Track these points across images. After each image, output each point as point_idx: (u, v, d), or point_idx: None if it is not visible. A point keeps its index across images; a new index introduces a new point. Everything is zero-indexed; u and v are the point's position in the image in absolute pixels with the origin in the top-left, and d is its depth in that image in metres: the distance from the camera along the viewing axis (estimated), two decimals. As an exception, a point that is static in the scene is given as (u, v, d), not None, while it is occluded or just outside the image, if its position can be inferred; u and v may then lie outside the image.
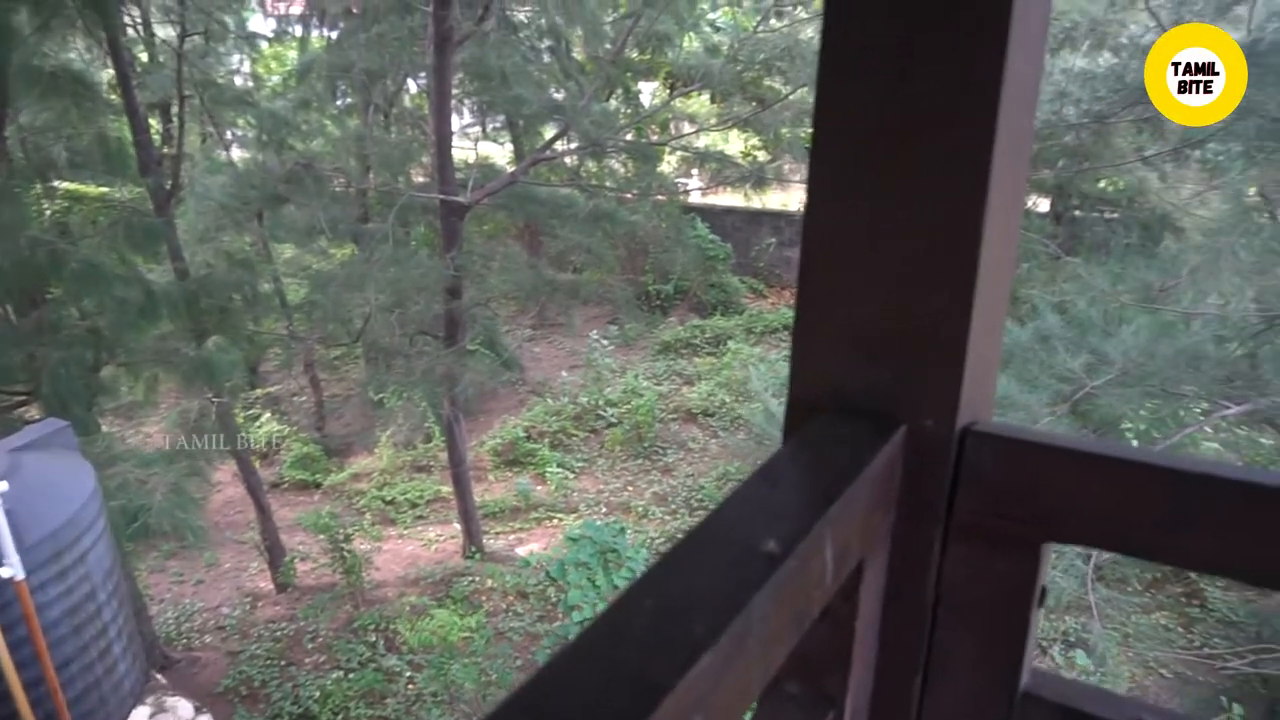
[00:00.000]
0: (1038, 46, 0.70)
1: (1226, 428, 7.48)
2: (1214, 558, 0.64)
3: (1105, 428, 4.20)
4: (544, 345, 14.30)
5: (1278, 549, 0.61)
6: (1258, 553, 0.62)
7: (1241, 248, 4.29)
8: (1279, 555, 0.61)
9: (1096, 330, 4.44)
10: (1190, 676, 6.64)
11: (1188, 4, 5.55)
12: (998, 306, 0.74)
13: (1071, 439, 0.71)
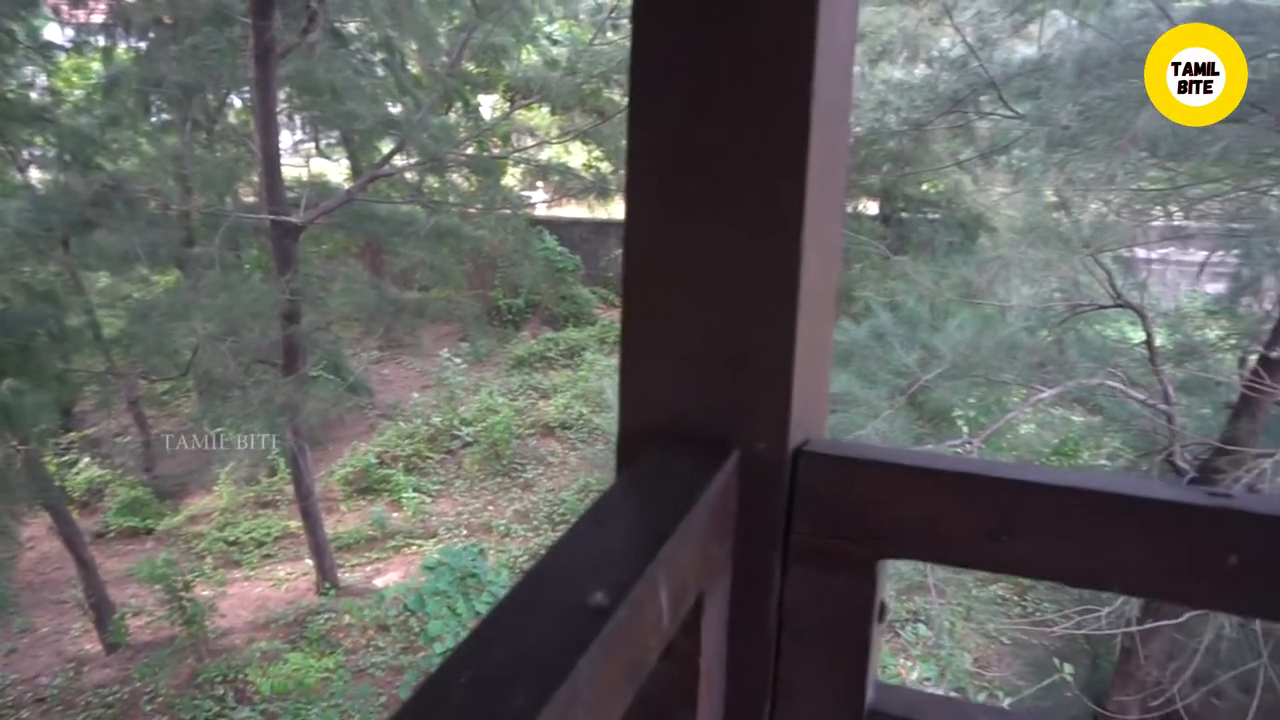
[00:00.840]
0: (845, 57, 0.71)
1: (1043, 409, 8.13)
2: (1039, 564, 0.65)
3: (939, 418, 4.47)
4: (393, 367, 13.84)
5: (1098, 551, 0.63)
6: (1079, 555, 0.64)
7: (1042, 244, 4.67)
8: (1099, 557, 0.63)
9: (926, 326, 4.72)
10: (1025, 642, 7.14)
11: (988, 21, 5.99)
12: (823, 321, 0.74)
13: (902, 453, 0.71)
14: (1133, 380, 5.29)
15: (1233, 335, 6.38)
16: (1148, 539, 0.62)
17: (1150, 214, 6.77)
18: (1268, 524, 0.60)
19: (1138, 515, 0.63)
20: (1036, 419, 8.43)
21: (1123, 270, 6.36)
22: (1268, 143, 3.21)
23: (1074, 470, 1.12)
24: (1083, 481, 0.65)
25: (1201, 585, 0.62)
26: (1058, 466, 3.63)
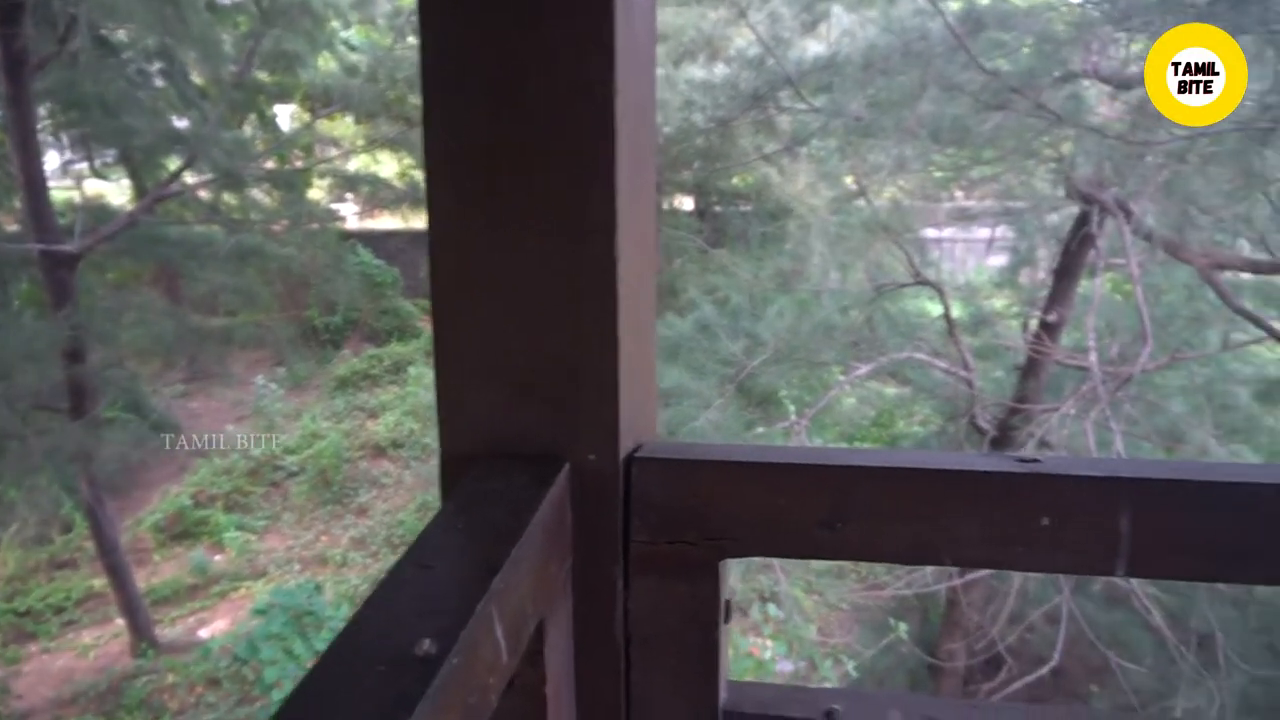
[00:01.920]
0: (646, 53, 0.69)
1: (861, 384, 8.64)
2: (874, 547, 0.65)
3: (767, 402, 4.63)
4: (202, 399, 12.83)
5: (926, 528, 0.64)
6: (909, 535, 0.64)
7: (845, 229, 4.94)
8: (928, 534, 0.64)
9: (747, 315, 4.87)
10: (864, 605, 7.56)
11: (780, 21, 6.27)
12: (645, 324, 0.71)
13: (735, 450, 0.70)
14: (936, 351, 5.70)
15: (1016, 304, 7.04)
16: (970, 511, 0.64)
17: (938, 196, 7.34)
18: (1071, 483, 0.63)
19: (959, 489, 0.64)
20: (856, 394, 8.97)
21: (919, 250, 6.86)
22: (1028, 127, 3.53)
23: (899, 450, 1.18)
24: (906, 461, 0.65)
25: (1021, 549, 0.64)
26: (886, 447, 3.86)
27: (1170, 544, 0.62)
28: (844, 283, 5.65)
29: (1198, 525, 0.62)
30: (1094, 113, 4.32)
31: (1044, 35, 3.36)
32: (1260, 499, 0.62)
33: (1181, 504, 0.62)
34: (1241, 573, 0.67)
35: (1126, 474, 0.63)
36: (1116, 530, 0.62)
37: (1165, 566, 0.65)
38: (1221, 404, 5.50)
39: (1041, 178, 5.11)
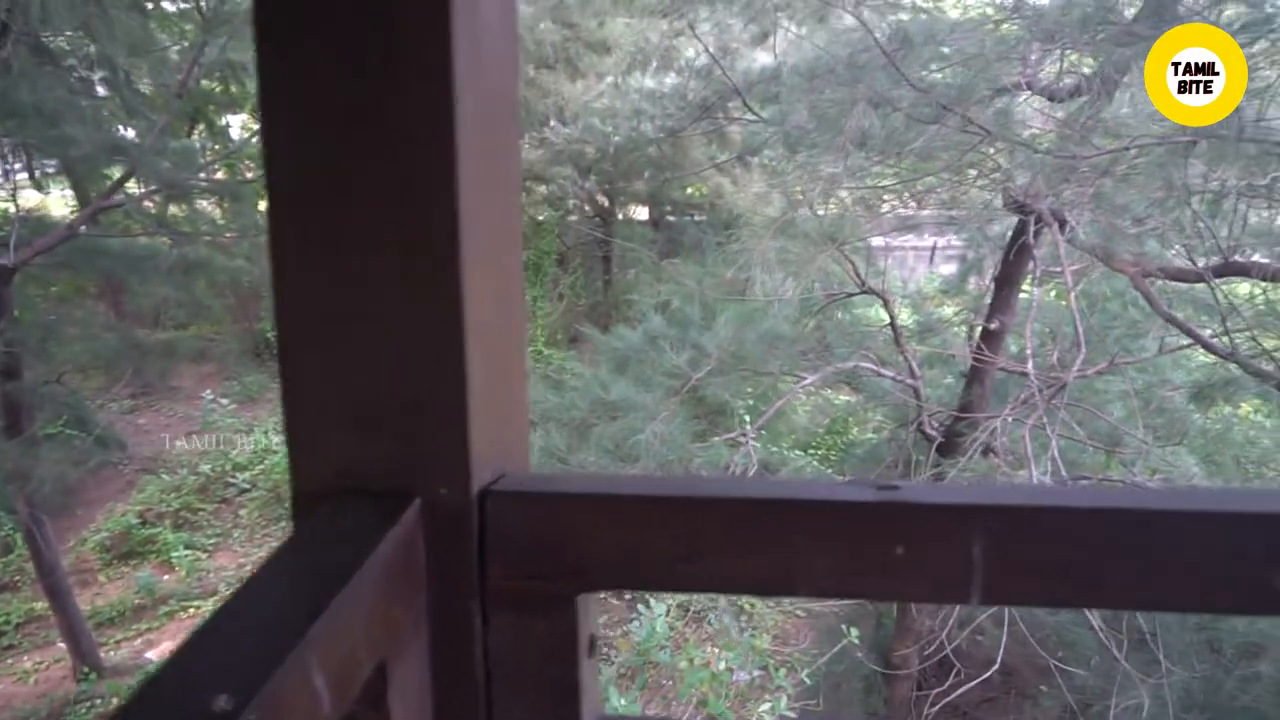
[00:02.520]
0: (499, 56, 0.67)
1: (815, 392, 8.71)
2: (730, 579, 0.66)
3: (716, 413, 4.65)
4: (150, 415, 12.55)
5: (781, 558, 0.64)
6: (765, 565, 0.64)
7: (794, 239, 4.98)
8: (783, 564, 0.64)
9: (696, 326, 4.89)
10: (819, 613, 7.61)
11: (729, 33, 6.32)
12: (506, 351, 0.71)
13: (599, 480, 0.70)
14: (883, 360, 5.78)
15: (963, 311, 7.14)
16: (825, 542, 0.64)
17: (884, 207, 7.45)
18: (925, 511, 0.63)
19: (814, 520, 0.64)
20: (810, 403, 9.05)
21: (868, 259, 6.95)
22: (961, 140, 3.60)
23: (758, 480, 1.17)
24: (763, 491, 0.66)
25: (877, 579, 0.64)
26: (746, 477, 3.84)
27: (1022, 570, 0.63)
28: (792, 292, 5.69)
29: (1049, 552, 0.63)
30: (1027, 126, 4.41)
31: (971, 53, 3.43)
32: (1113, 524, 0.63)
33: (1032, 531, 0.63)
34: (1094, 598, 0.68)
35: (979, 501, 0.64)
36: (970, 558, 0.63)
37: (1018, 594, 0.66)
38: (1158, 408, 5.64)
39: (981, 189, 5.21)
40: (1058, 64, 4.64)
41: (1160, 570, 0.62)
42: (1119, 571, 0.63)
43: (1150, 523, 0.62)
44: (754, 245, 5.41)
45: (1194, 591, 0.64)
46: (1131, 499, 0.64)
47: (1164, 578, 0.63)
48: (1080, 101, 4.27)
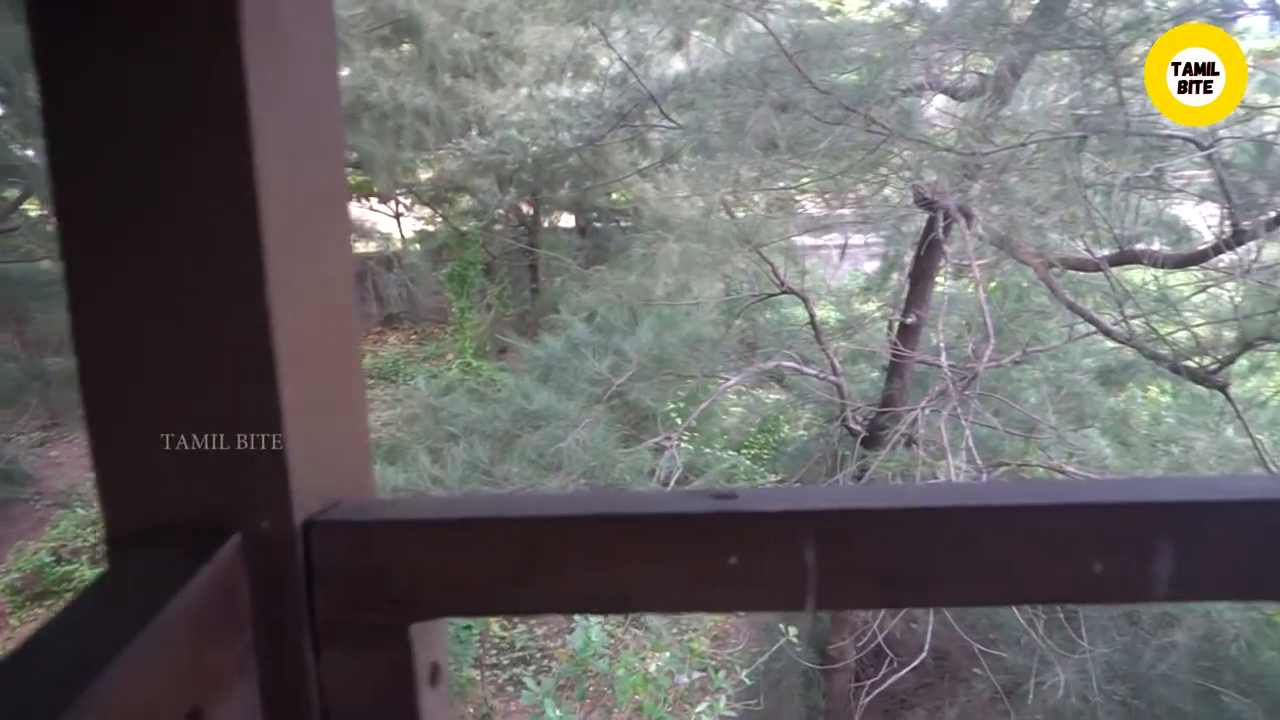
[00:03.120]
0: (307, 55, 0.65)
1: (746, 392, 8.80)
2: (564, 599, 0.65)
3: (642, 417, 4.65)
4: (63, 447, 12.00)
5: (614, 574, 0.63)
6: (599, 582, 0.63)
7: (716, 242, 5.03)
8: (617, 580, 0.63)
9: (619, 331, 4.89)
10: (757, 614, 7.66)
11: (640, 40, 6.35)
12: (332, 374, 0.68)
13: (426, 506, 0.68)
14: (806, 358, 5.87)
15: (883, 307, 7.30)
16: (658, 555, 0.63)
17: (805, 206, 7.57)
18: (757, 520, 0.63)
19: (647, 534, 0.64)
20: (741, 403, 9.14)
21: (791, 259, 7.05)
22: (867, 140, 3.68)
23: (591, 494, 1.16)
24: (594, 508, 0.65)
25: (713, 591, 0.64)
26: (579, 492, 3.83)
27: (854, 573, 0.63)
28: (716, 294, 5.74)
29: (879, 553, 0.63)
30: (932, 125, 4.53)
31: (871, 55, 3.51)
32: (940, 523, 0.63)
33: (863, 533, 0.64)
34: (926, 598, 0.68)
35: (810, 506, 0.64)
36: (803, 563, 0.63)
37: (851, 597, 0.66)
38: (1069, 393, 5.85)
39: (893, 187, 5.34)
40: (963, 65, 4.79)
41: (989, 566, 0.63)
42: (948, 569, 0.63)
43: (975, 519, 0.63)
44: (660, 250, 5.46)
45: (1023, 584, 0.65)
46: (956, 497, 0.65)
47: (993, 573, 0.64)
48: (980, 100, 4.40)
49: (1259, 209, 3.59)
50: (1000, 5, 3.58)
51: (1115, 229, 4.20)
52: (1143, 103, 3.49)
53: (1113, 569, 0.65)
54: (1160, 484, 0.64)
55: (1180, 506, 0.64)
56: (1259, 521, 0.64)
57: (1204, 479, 0.66)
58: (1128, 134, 3.33)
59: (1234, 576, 0.65)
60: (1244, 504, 0.64)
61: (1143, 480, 0.66)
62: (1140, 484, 0.64)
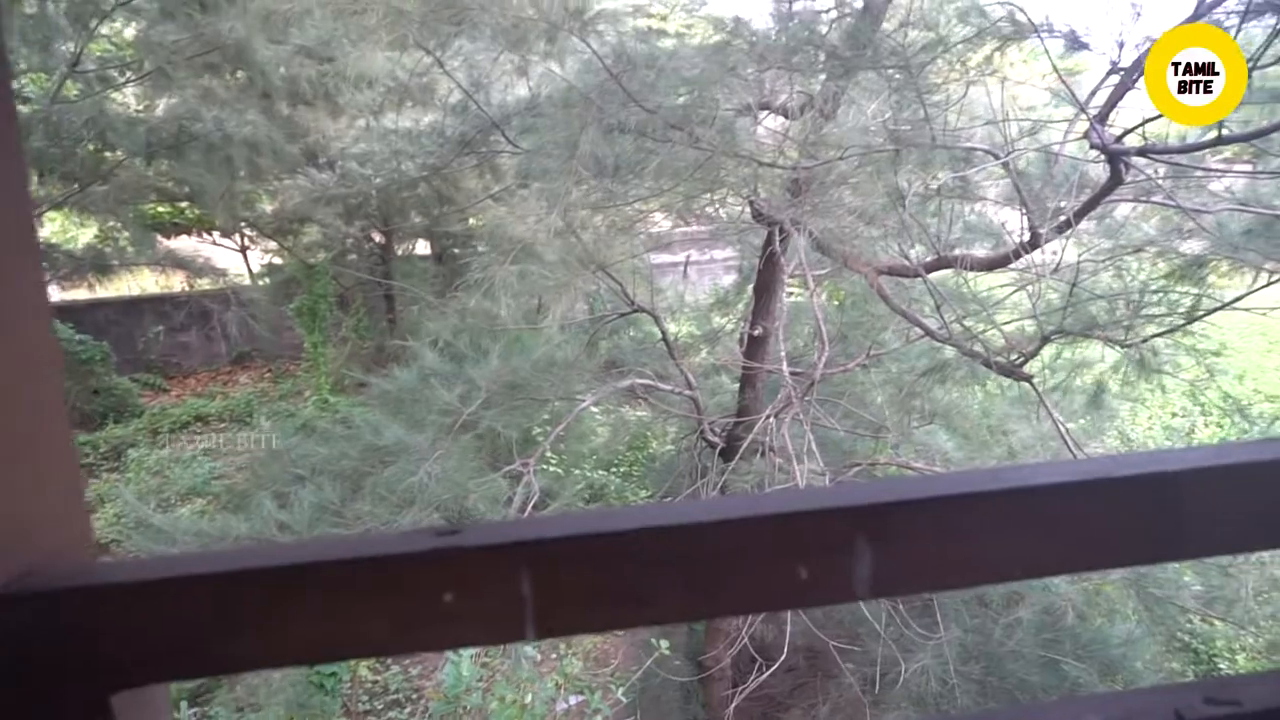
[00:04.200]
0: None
1: (613, 410, 8.85)
2: (279, 654, 0.62)
3: (499, 444, 4.59)
4: None
5: (329, 624, 0.61)
6: (310, 634, 0.61)
7: (569, 264, 5.04)
8: (331, 630, 0.61)
9: (469, 359, 4.82)
10: (631, 630, 7.67)
11: (480, 68, 6.32)
12: (27, 427, 0.64)
13: (129, 567, 0.64)
14: (663, 374, 5.96)
15: (736, 320, 7.51)
16: (377, 597, 0.62)
17: (657, 224, 7.70)
18: (474, 554, 0.63)
19: (365, 576, 0.62)
20: (609, 421, 9.18)
21: (643, 277, 7.15)
22: (694, 159, 3.79)
23: (305, 543, 1.16)
24: (305, 555, 0.63)
25: (431, 630, 0.63)
26: (295, 540, 3.78)
27: (572, 599, 0.64)
28: (571, 315, 5.75)
29: (597, 577, 0.64)
30: (761, 142, 4.71)
31: (697, 77, 3.62)
32: (658, 541, 0.64)
33: (578, 560, 0.64)
34: (648, 615, 0.70)
35: (526, 536, 0.64)
36: (520, 595, 0.63)
37: (570, 624, 0.66)
38: (911, 392, 6.16)
39: (733, 204, 5.50)
40: (790, 84, 5.00)
41: (701, 580, 0.65)
42: (662, 586, 0.65)
43: (685, 536, 0.65)
44: (498, 275, 5.43)
45: (735, 595, 0.67)
46: (665, 517, 0.66)
47: (706, 587, 0.65)
48: (806, 118, 4.60)
49: (1052, 214, 3.91)
50: (815, 29, 3.77)
51: (938, 236, 4.47)
52: (945, 118, 3.74)
53: (818, 573, 0.68)
54: (857, 489, 0.68)
55: (874, 509, 0.68)
56: (943, 517, 0.69)
57: (896, 481, 0.71)
58: (934, 147, 3.55)
59: (926, 570, 0.70)
60: (928, 501, 0.68)
61: (841, 486, 0.69)
62: (839, 490, 0.67)
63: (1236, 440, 8.22)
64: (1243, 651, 7.52)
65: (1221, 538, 0.71)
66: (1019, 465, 0.74)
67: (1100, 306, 3.54)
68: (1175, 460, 0.70)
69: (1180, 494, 0.70)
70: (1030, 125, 3.75)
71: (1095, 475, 0.69)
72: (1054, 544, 0.69)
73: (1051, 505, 0.69)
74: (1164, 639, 6.04)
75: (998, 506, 0.68)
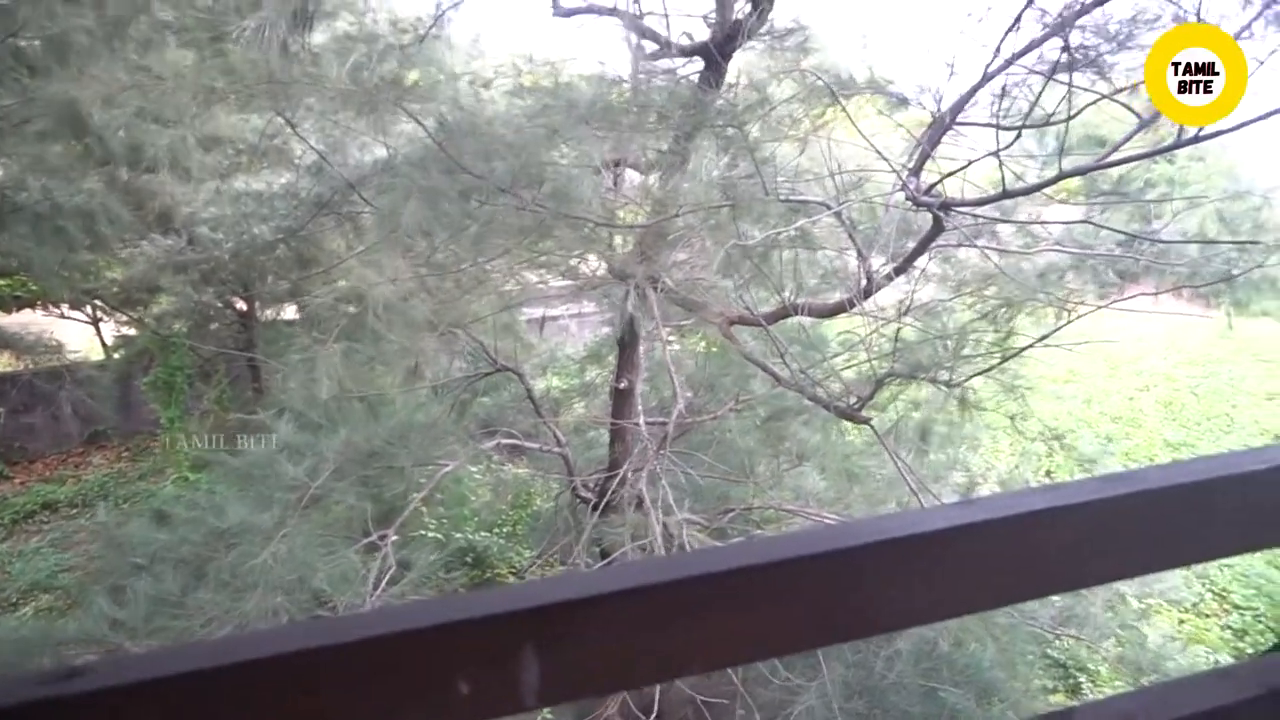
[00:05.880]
0: None
1: (495, 469, 8.68)
2: None
3: (350, 517, 4.41)
4: None
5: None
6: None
7: (432, 325, 4.96)
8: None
9: (324, 430, 4.64)
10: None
11: (335, 127, 6.22)
12: None
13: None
14: (531, 433, 5.89)
15: (607, 373, 7.53)
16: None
17: (523, 280, 7.68)
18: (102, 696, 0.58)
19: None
20: (489, 479, 8.99)
21: (513, 333, 7.10)
22: (521, 220, 3.80)
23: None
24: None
25: None
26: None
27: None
28: (435, 377, 5.64)
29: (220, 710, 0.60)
30: (610, 198, 4.77)
31: (516, 143, 3.65)
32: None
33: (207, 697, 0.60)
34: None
35: (157, 673, 0.59)
36: None
37: None
38: (778, 435, 6.29)
39: (591, 263, 5.55)
40: (641, 143, 5.11)
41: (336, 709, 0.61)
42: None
43: (323, 657, 0.61)
44: (399, 334, 5.31)
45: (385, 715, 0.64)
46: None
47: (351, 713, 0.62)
48: (653, 177, 4.71)
49: (889, 260, 4.09)
50: (645, 92, 3.87)
51: (785, 285, 4.61)
52: (778, 172, 3.89)
53: (481, 686, 0.64)
54: (524, 590, 0.65)
55: (543, 611, 0.65)
56: (617, 617, 0.66)
57: (569, 578, 0.68)
58: (768, 200, 3.67)
59: (599, 672, 0.67)
60: (604, 597, 0.66)
61: (507, 589, 0.67)
62: (504, 594, 0.65)
63: (1037, 487, 8.74)
64: (1104, 663, 7.89)
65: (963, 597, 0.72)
66: (750, 543, 0.73)
67: (925, 349, 3.71)
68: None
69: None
70: (856, 180, 3.94)
71: (830, 546, 0.67)
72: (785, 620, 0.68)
73: (780, 579, 0.67)
74: (1035, 657, 6.28)
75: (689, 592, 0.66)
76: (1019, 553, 0.71)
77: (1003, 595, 0.74)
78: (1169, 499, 0.73)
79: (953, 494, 5.93)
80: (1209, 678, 0.82)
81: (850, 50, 5.77)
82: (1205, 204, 7.40)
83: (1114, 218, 5.03)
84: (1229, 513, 0.76)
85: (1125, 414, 13.37)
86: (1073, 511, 0.70)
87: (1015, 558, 0.71)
